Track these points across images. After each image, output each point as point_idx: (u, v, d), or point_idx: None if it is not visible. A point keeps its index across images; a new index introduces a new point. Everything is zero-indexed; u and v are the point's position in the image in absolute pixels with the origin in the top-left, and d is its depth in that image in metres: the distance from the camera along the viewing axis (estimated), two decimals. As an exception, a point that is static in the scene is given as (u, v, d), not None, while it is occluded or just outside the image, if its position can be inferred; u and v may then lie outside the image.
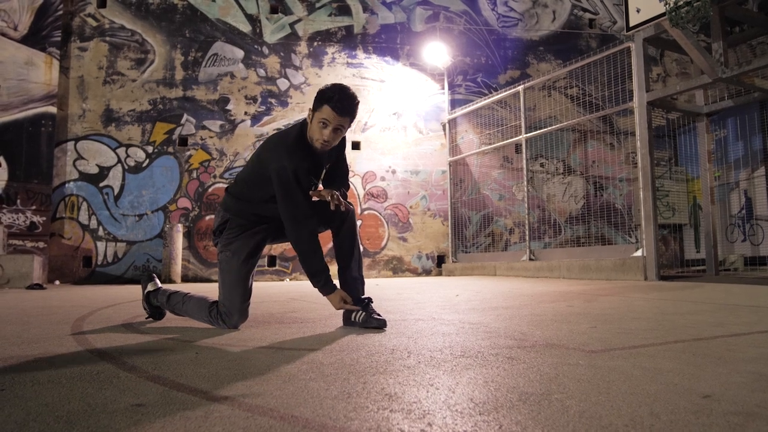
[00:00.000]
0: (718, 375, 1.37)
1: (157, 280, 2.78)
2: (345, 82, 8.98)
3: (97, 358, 1.78)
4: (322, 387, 1.32)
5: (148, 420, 1.07)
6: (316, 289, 2.37)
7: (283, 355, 1.80)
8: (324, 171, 2.52)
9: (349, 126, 2.34)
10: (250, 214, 2.48)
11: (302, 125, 2.38)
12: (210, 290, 3.62)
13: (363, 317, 2.38)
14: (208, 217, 8.45)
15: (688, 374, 1.39)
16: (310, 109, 2.32)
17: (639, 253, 5.74)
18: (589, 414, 1.06)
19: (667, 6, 4.97)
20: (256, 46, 8.95)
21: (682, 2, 4.84)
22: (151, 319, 2.75)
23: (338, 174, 2.59)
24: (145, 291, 2.71)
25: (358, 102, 2.31)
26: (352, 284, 2.46)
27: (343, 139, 2.56)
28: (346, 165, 2.66)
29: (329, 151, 2.43)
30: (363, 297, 2.45)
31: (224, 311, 2.42)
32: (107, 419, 1.08)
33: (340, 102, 2.22)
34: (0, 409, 1.16)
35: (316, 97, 2.29)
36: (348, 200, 2.49)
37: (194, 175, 8.55)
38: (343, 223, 2.44)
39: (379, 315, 2.39)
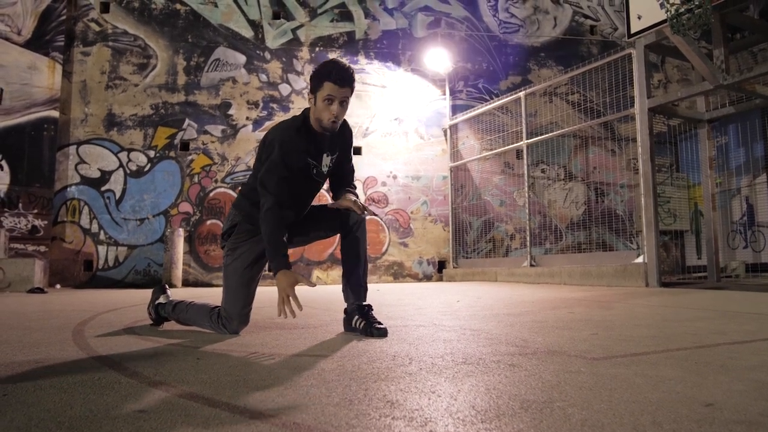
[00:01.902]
0: (721, 383, 1.37)
1: (169, 292, 2.79)
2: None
3: (98, 363, 1.78)
4: (323, 394, 1.32)
5: (150, 426, 1.07)
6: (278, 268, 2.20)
7: (284, 361, 1.80)
8: (330, 159, 2.47)
9: (350, 96, 2.35)
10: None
11: (304, 111, 2.41)
12: (211, 295, 3.62)
13: (364, 325, 2.37)
14: (209, 222, 8.45)
15: (690, 382, 1.38)
16: (309, 93, 2.33)
17: (640, 259, 5.74)
18: (591, 422, 1.06)
19: (669, 13, 4.99)
20: (258, 52, 8.98)
21: (683, 9, 4.85)
22: (154, 324, 2.76)
23: (345, 171, 2.61)
24: (156, 302, 2.72)
25: (354, 71, 2.33)
26: (356, 290, 2.45)
27: (351, 133, 2.59)
28: (352, 163, 2.67)
29: (334, 138, 2.43)
30: (364, 304, 2.44)
31: (225, 316, 2.41)
32: (110, 425, 1.08)
33: (339, 74, 2.24)
34: (2, 415, 1.16)
35: (312, 78, 2.30)
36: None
37: (196, 179, 8.56)
38: (353, 228, 2.44)
39: (380, 324, 2.37)
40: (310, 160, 2.39)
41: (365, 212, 2.40)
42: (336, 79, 2.23)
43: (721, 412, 1.11)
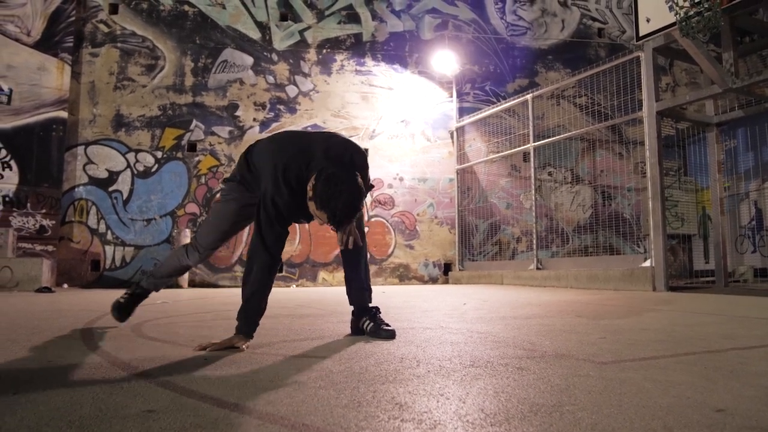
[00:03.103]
0: (731, 388, 1.36)
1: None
2: (353, 89, 9.14)
3: (107, 362, 1.79)
4: (332, 395, 1.32)
5: (159, 426, 1.07)
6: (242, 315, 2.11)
7: (292, 362, 1.80)
8: None
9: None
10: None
11: (308, 169, 2.12)
12: (215, 296, 3.63)
13: (372, 327, 2.37)
14: (215, 223, 8.46)
15: (700, 387, 1.37)
16: (312, 185, 2.04)
17: (647, 263, 5.71)
18: (601, 426, 1.05)
19: (678, 16, 4.97)
20: (265, 53, 9.01)
21: (692, 12, 4.83)
22: (119, 317, 2.71)
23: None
24: (138, 283, 2.76)
25: (360, 211, 2.13)
26: (360, 292, 2.45)
27: (364, 161, 2.34)
28: (368, 179, 2.41)
29: None
30: (371, 306, 2.44)
31: (193, 245, 2.52)
32: (119, 425, 1.09)
33: (339, 219, 2.03)
34: (13, 413, 1.17)
35: (320, 191, 1.99)
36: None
37: (202, 180, 8.59)
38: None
39: (387, 325, 2.38)
40: (302, 220, 2.34)
41: (349, 244, 2.29)
42: (334, 223, 2.04)
43: (732, 417, 1.11)
